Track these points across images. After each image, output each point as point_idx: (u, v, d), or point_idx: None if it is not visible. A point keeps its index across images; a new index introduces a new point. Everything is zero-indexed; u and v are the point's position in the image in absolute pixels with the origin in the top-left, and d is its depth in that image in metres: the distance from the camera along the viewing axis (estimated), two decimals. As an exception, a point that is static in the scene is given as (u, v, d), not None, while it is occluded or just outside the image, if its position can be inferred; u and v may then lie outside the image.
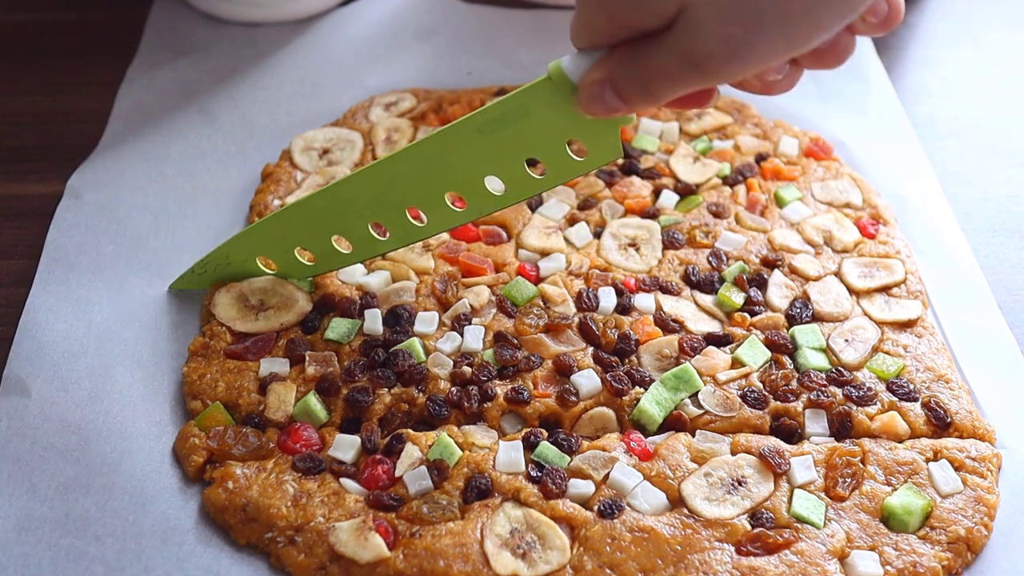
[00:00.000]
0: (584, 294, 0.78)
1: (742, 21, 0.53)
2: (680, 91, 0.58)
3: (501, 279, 0.79)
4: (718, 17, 0.53)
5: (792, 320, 0.77)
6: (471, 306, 0.77)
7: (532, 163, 0.70)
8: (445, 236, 0.83)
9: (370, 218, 0.74)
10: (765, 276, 0.79)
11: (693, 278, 0.80)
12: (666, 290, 0.79)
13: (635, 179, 0.88)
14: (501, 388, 0.72)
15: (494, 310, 0.77)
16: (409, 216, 0.74)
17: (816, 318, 0.77)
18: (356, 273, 0.80)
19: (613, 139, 0.67)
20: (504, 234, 0.83)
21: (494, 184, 0.71)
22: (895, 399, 0.72)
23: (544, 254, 0.82)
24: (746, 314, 0.77)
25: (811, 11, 0.53)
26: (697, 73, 0.56)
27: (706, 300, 0.78)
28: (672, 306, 0.78)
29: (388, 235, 0.75)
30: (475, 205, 0.73)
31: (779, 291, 0.79)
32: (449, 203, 0.73)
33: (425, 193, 0.72)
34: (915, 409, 0.72)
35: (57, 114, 0.98)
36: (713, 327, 0.76)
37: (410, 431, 0.70)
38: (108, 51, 1.05)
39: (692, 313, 0.77)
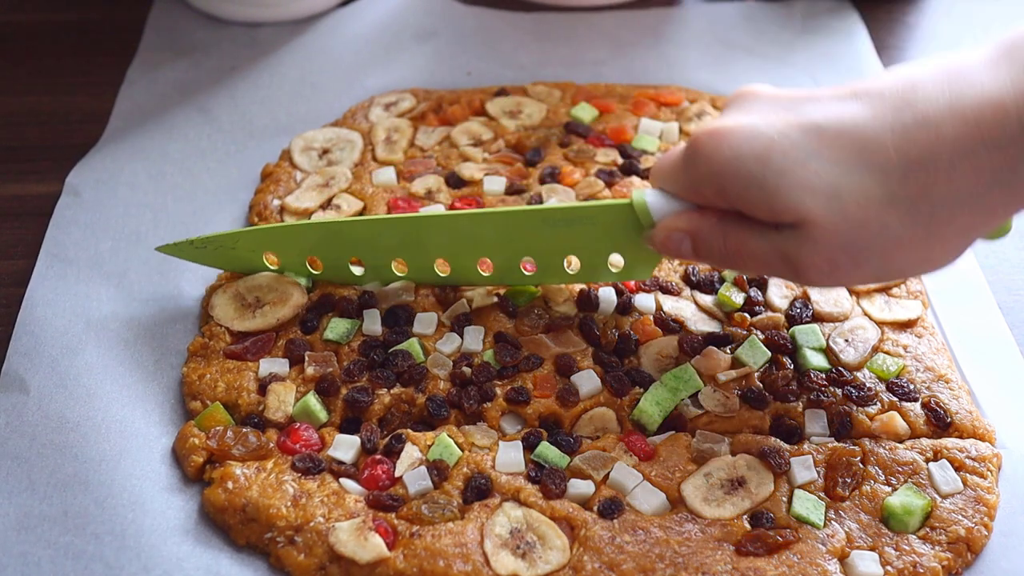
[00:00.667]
0: (584, 294, 0.78)
1: (853, 254, 0.59)
2: (759, 274, 0.64)
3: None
4: (835, 244, 0.59)
5: (792, 320, 0.77)
6: (469, 305, 0.77)
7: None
8: None
9: (396, 256, 0.76)
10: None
11: (693, 278, 0.80)
12: (666, 290, 0.79)
13: (635, 179, 0.88)
14: (501, 388, 0.72)
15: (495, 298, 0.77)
16: (437, 266, 0.77)
17: (816, 318, 0.77)
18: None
19: (652, 265, 0.74)
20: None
21: (527, 264, 0.76)
22: (895, 399, 0.72)
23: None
24: (746, 314, 0.77)
25: (904, 270, 0.62)
26: (790, 274, 0.62)
27: (706, 300, 0.78)
28: (672, 306, 0.78)
29: (407, 271, 0.78)
30: (502, 275, 0.77)
31: (779, 291, 0.79)
32: (476, 265, 0.76)
33: (459, 253, 0.75)
34: (915, 409, 0.72)
35: (57, 114, 0.98)
36: (713, 327, 0.76)
37: (410, 431, 0.70)
38: (108, 51, 1.05)
39: (692, 313, 0.77)
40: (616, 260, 0.74)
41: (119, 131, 0.94)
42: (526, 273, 0.76)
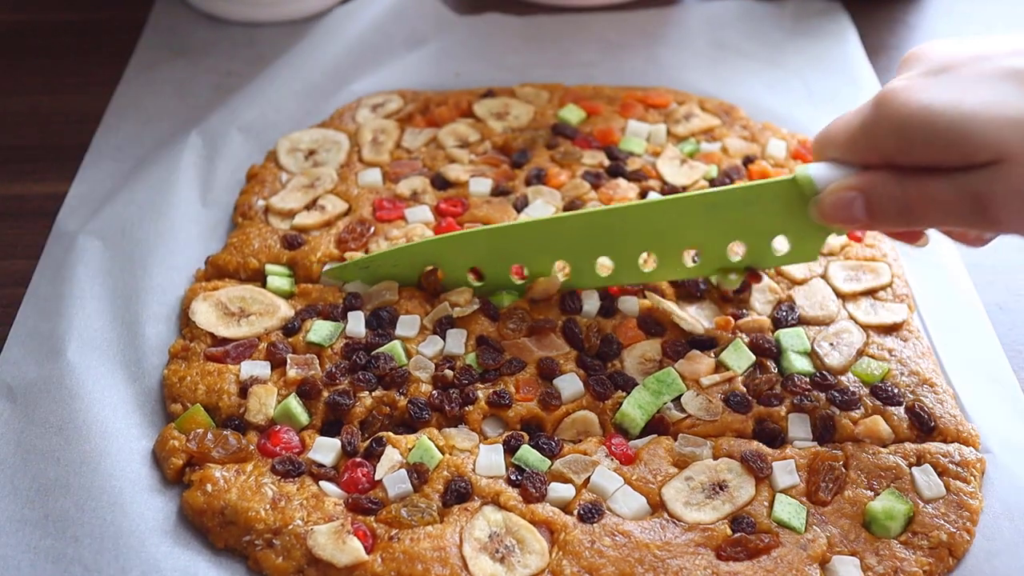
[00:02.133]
0: (567, 297, 0.77)
1: None
2: (941, 223, 0.62)
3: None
4: None
5: (777, 323, 0.77)
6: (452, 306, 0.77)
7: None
8: (428, 232, 0.82)
9: (559, 258, 0.76)
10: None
11: (678, 280, 0.80)
12: (651, 291, 0.79)
13: (621, 181, 0.87)
14: (483, 391, 0.72)
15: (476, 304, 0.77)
16: (598, 266, 0.76)
17: (802, 321, 0.77)
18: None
19: (817, 245, 0.72)
20: (489, 233, 0.83)
21: (688, 254, 0.75)
22: (879, 403, 0.72)
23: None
24: (730, 318, 0.77)
25: None
26: (976, 216, 0.60)
27: (690, 308, 0.78)
28: (656, 308, 0.77)
29: (569, 274, 0.77)
30: (666, 270, 0.76)
31: (763, 296, 0.79)
32: (640, 262, 0.75)
33: (622, 249, 0.75)
34: (899, 413, 0.71)
35: (57, 114, 0.98)
36: (697, 330, 0.76)
37: (390, 434, 0.69)
38: (108, 51, 1.05)
39: (676, 316, 0.77)
40: (781, 243, 0.73)
41: (112, 129, 0.95)
42: (690, 265, 0.75)
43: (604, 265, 0.76)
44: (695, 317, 0.77)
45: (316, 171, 0.89)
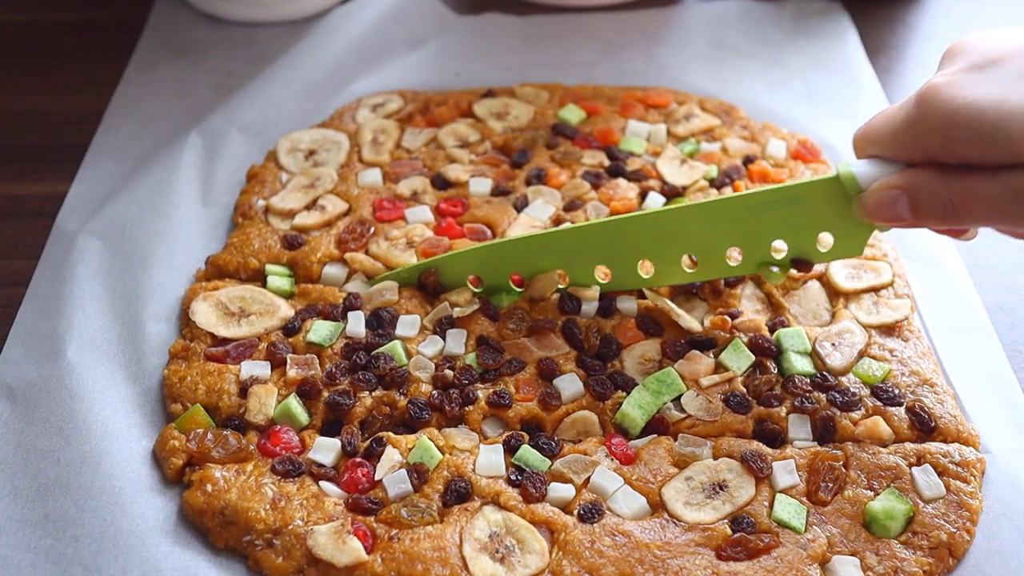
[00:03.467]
0: (566, 297, 0.77)
1: None
2: (987, 222, 0.62)
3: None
4: None
5: (775, 324, 0.77)
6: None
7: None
8: (428, 232, 0.82)
9: (598, 262, 0.76)
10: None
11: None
12: (649, 289, 0.79)
13: (621, 181, 0.87)
14: (483, 392, 0.72)
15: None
16: (640, 267, 0.76)
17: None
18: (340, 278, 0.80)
19: (863, 240, 0.71)
20: (488, 232, 0.83)
21: (732, 254, 0.75)
22: (879, 404, 0.72)
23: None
24: (727, 317, 0.77)
25: None
26: (1020, 210, 0.59)
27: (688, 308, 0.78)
28: (655, 308, 0.77)
29: (609, 278, 0.77)
30: (707, 270, 0.76)
31: (751, 304, 0.79)
32: (684, 263, 0.75)
33: (663, 251, 0.75)
34: (899, 414, 0.71)
35: (57, 114, 0.98)
36: (695, 328, 0.76)
37: (390, 434, 0.69)
38: (108, 51, 1.05)
39: (674, 313, 0.77)
40: (825, 240, 0.72)
41: (112, 129, 0.95)
42: (731, 264, 0.75)
43: (645, 266, 0.77)
44: (692, 316, 0.77)
45: (316, 171, 0.89)
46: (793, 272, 0.76)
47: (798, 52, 1.06)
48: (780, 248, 0.74)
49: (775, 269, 0.74)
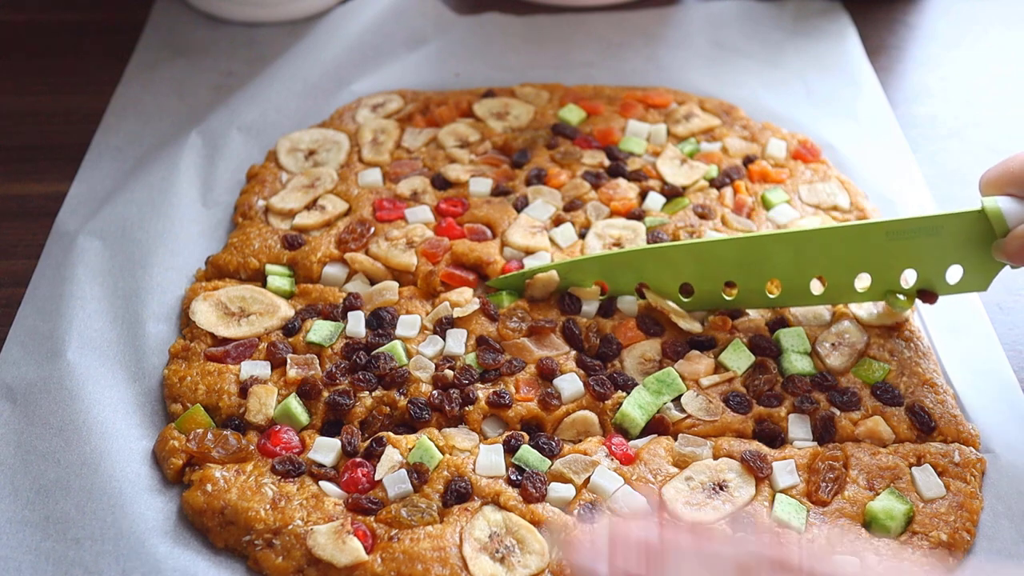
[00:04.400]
0: (566, 297, 0.77)
1: None
2: None
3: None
4: None
5: (775, 323, 0.77)
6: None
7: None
8: (429, 232, 0.82)
9: (727, 277, 0.75)
10: None
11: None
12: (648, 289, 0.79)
13: (621, 181, 0.88)
14: (483, 392, 0.72)
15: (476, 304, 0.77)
16: (767, 286, 0.76)
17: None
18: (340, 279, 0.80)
19: (991, 276, 0.72)
20: (489, 232, 0.83)
21: (863, 278, 0.75)
22: (879, 404, 0.72)
23: (529, 252, 0.81)
24: (727, 317, 0.77)
25: None
26: None
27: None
28: (655, 307, 0.77)
29: (735, 294, 0.76)
30: (834, 294, 0.75)
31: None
32: (813, 286, 0.75)
33: (795, 272, 0.74)
34: (899, 414, 0.71)
35: (57, 114, 0.98)
36: (695, 329, 0.76)
37: (390, 434, 0.69)
38: (108, 51, 1.05)
39: (674, 314, 0.77)
40: (954, 272, 0.73)
41: (111, 128, 0.95)
42: (860, 290, 0.75)
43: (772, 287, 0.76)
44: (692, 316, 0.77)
45: (316, 171, 0.89)
46: (917, 303, 0.76)
47: (798, 52, 1.06)
48: (908, 278, 0.74)
49: (901, 298, 0.74)
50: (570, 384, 0.72)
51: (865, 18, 1.10)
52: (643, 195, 0.87)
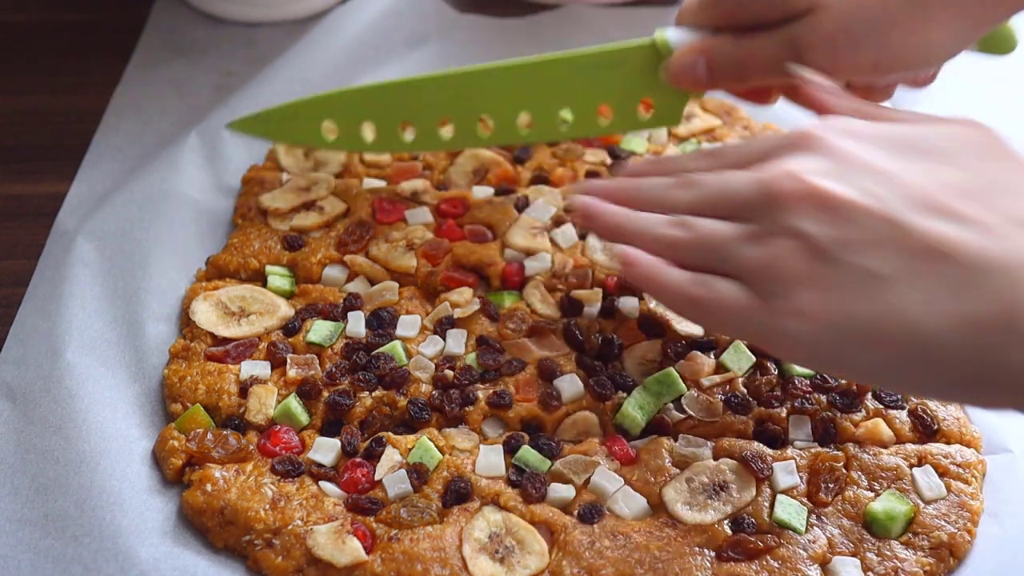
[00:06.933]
0: (566, 297, 0.77)
1: (853, 35, 0.66)
2: (768, 76, 0.70)
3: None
4: (838, 24, 0.66)
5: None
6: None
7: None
8: (429, 234, 0.82)
9: (439, 116, 0.81)
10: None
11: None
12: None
13: (622, 181, 0.87)
14: (483, 392, 0.72)
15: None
16: (479, 126, 0.81)
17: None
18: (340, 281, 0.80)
19: (679, 110, 0.78)
20: (489, 233, 0.83)
21: (564, 115, 0.80)
22: (880, 406, 0.72)
23: (529, 253, 0.81)
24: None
25: (904, 57, 0.68)
26: (794, 60, 0.67)
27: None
28: (656, 309, 0.77)
29: (452, 134, 0.81)
30: (541, 131, 0.81)
31: None
32: (521, 124, 0.81)
33: (497, 108, 0.80)
34: (901, 416, 0.71)
35: (57, 114, 0.98)
36: (696, 332, 0.76)
37: (390, 434, 0.69)
38: (108, 51, 1.05)
39: (676, 316, 0.77)
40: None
41: (111, 128, 0.95)
42: (562, 129, 0.80)
43: (487, 125, 0.81)
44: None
45: (316, 172, 0.89)
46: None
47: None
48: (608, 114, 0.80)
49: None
50: (570, 384, 0.72)
51: (866, 18, 1.10)
52: (643, 195, 0.86)
